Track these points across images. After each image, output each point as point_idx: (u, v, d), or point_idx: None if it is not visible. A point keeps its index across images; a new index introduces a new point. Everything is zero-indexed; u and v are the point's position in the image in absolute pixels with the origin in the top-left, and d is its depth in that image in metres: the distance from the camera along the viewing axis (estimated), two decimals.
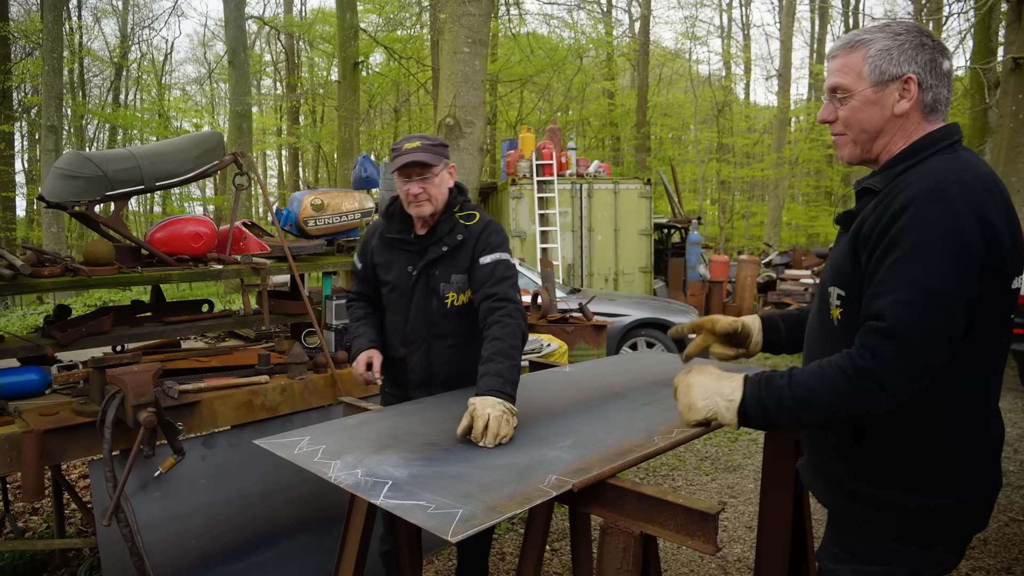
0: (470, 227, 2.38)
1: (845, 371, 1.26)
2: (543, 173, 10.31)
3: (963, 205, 1.22)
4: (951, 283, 1.20)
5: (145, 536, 2.43)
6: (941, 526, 1.36)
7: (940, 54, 1.37)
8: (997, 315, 1.31)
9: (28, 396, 2.64)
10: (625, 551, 1.52)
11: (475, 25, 7.28)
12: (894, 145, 1.39)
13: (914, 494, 1.35)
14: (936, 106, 1.38)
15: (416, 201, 2.31)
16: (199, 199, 26.04)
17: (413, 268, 2.39)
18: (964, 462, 1.34)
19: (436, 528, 1.33)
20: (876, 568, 1.40)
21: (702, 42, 30.07)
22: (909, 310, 1.20)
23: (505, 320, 2.19)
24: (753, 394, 1.38)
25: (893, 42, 1.36)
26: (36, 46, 18.86)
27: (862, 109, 1.38)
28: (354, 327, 2.54)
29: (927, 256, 1.21)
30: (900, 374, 1.21)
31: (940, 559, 1.38)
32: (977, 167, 1.30)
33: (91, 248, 2.90)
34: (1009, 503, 4.02)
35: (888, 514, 1.38)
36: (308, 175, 29.62)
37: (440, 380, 2.44)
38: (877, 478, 1.39)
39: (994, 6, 11.16)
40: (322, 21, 22.30)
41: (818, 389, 1.29)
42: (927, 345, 1.20)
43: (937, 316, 1.20)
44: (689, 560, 3.37)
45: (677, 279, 11.68)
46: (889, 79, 1.36)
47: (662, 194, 15.51)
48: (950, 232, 1.21)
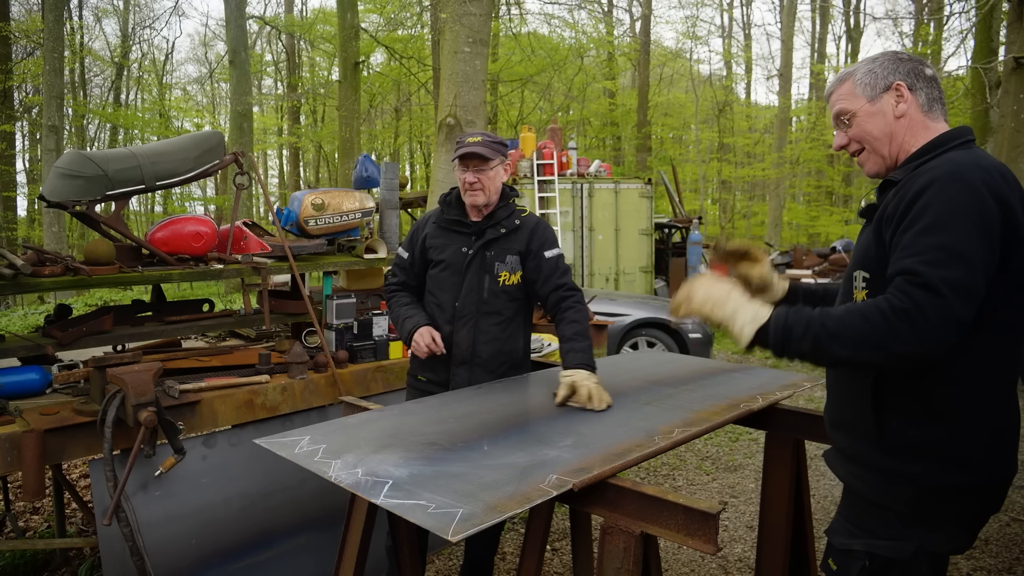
0: (525, 218, 2.66)
1: (882, 310, 1.31)
2: (544, 173, 10.31)
3: (981, 184, 1.33)
4: (974, 249, 1.29)
5: (145, 535, 2.43)
6: (953, 505, 1.41)
7: (920, 64, 1.54)
8: (1013, 293, 1.37)
9: (29, 395, 2.64)
10: (625, 551, 1.52)
11: (476, 25, 7.27)
12: (908, 144, 1.52)
13: (933, 468, 1.41)
14: (932, 104, 1.53)
15: (471, 189, 2.54)
16: (200, 199, 26.03)
17: (468, 248, 2.60)
18: (983, 439, 1.40)
19: (436, 527, 1.33)
20: (886, 543, 1.45)
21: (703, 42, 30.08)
22: (941, 268, 1.28)
23: (577, 307, 2.55)
24: (780, 316, 1.44)
25: (874, 64, 1.56)
26: (37, 46, 18.87)
27: (867, 121, 1.55)
28: (404, 311, 2.65)
29: (951, 225, 1.31)
30: (937, 323, 1.28)
31: (950, 539, 1.43)
32: (991, 159, 1.41)
33: (91, 248, 2.90)
34: (1010, 503, 4.02)
35: (904, 491, 1.44)
36: (309, 175, 29.62)
37: (482, 358, 2.60)
38: (899, 451, 1.45)
39: (995, 6, 11.15)
40: (323, 21, 22.29)
41: (851, 323, 1.34)
42: (959, 301, 1.27)
43: (965, 276, 1.28)
44: (690, 560, 3.37)
45: (678, 279, 11.67)
46: (881, 90, 1.54)
47: (663, 194, 15.51)
48: (971, 205, 1.32)
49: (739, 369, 2.74)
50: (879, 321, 1.31)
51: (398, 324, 2.66)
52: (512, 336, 2.65)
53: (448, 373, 2.62)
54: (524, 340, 2.74)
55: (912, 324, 1.28)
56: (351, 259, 3.66)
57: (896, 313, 1.29)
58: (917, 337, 1.28)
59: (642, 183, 10.99)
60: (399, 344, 3.38)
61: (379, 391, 3.23)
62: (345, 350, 3.23)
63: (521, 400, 2.32)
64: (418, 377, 2.72)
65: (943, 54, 19.67)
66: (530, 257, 2.61)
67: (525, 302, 2.70)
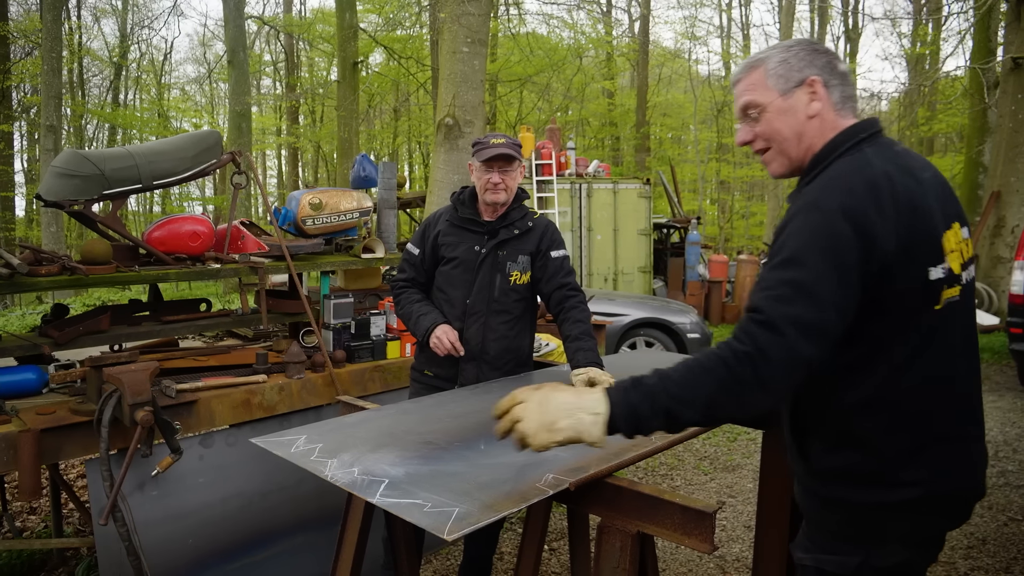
0: (537, 220, 2.73)
1: (724, 358, 1.25)
2: (542, 173, 10.31)
3: (838, 210, 1.26)
4: (824, 283, 1.23)
5: (142, 535, 2.42)
6: (889, 524, 1.37)
7: (834, 58, 1.45)
8: (909, 309, 1.31)
9: (25, 395, 2.63)
10: (622, 550, 1.52)
11: (474, 25, 7.27)
12: (816, 146, 1.43)
13: (857, 490, 1.37)
14: (846, 101, 1.44)
15: (494, 189, 2.59)
16: (198, 198, 26.01)
17: (481, 247, 2.64)
18: (900, 456, 1.35)
19: (432, 527, 1.33)
20: (832, 557, 1.42)
21: (702, 42, 30.07)
22: (785, 304, 1.23)
23: (581, 307, 2.62)
24: (620, 402, 1.30)
25: (788, 53, 1.44)
26: (35, 46, 18.85)
27: (777, 118, 1.44)
28: (417, 308, 2.69)
29: (801, 258, 1.25)
30: (777, 363, 1.22)
31: (893, 554, 1.38)
32: (871, 168, 1.32)
33: (88, 247, 2.89)
34: (1008, 503, 4.02)
35: (837, 512, 1.41)
36: (308, 175, 29.60)
37: (491, 355, 2.64)
38: (823, 476, 1.42)
39: (993, 6, 11.16)
40: (322, 21, 22.28)
41: (697, 381, 1.26)
42: (801, 339, 1.22)
43: (811, 313, 1.23)
44: (688, 559, 3.37)
45: (676, 279, 11.67)
46: (795, 85, 1.42)
47: (661, 194, 15.50)
48: (824, 237, 1.25)
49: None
50: (722, 372, 1.24)
51: (410, 320, 2.69)
52: (520, 334, 2.72)
53: (456, 369, 2.65)
54: (530, 339, 2.81)
55: (754, 367, 1.22)
56: (349, 259, 3.65)
57: (738, 357, 1.23)
58: (759, 381, 1.22)
59: (641, 183, 11.00)
60: (397, 344, 3.38)
61: (377, 391, 3.23)
62: (343, 350, 3.22)
63: None
64: (424, 372, 2.74)
65: (941, 54, 19.70)
66: (538, 257, 2.68)
67: (532, 302, 2.78)
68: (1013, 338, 6.44)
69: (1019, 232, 9.63)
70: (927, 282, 1.31)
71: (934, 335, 1.34)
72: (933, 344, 1.34)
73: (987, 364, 8.03)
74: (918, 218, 1.31)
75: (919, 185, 1.34)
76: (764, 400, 1.25)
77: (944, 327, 1.35)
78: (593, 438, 1.30)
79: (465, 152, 7.81)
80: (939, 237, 1.34)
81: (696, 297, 11.19)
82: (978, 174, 12.07)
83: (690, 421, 1.29)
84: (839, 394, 1.37)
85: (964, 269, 1.40)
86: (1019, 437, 5.28)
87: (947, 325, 1.36)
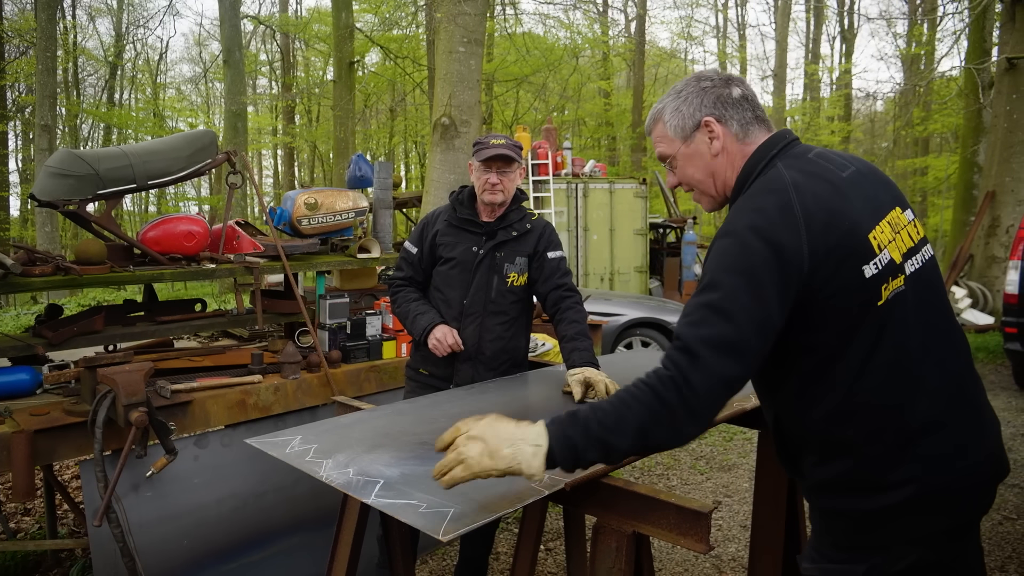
0: (535, 221, 2.74)
1: (651, 385, 1.27)
2: (539, 173, 10.31)
3: (746, 229, 1.29)
4: (736, 302, 1.25)
5: (137, 536, 2.42)
6: (890, 526, 1.36)
7: (725, 87, 1.46)
8: (851, 312, 1.30)
9: (19, 396, 2.62)
10: (618, 550, 1.52)
11: (470, 25, 7.27)
12: (730, 178, 1.48)
13: (852, 498, 1.37)
14: (747, 127, 1.46)
15: (492, 190, 2.59)
16: (194, 198, 25.97)
17: (479, 248, 2.64)
18: (886, 457, 1.34)
19: (427, 527, 1.33)
20: (838, 566, 1.42)
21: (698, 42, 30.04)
22: (701, 327, 1.26)
23: (577, 307, 2.63)
24: (558, 435, 1.30)
25: (678, 99, 1.48)
26: (30, 45, 18.77)
27: (688, 164, 1.50)
28: (414, 307, 2.68)
29: (717, 282, 1.28)
30: (698, 385, 1.23)
31: (902, 556, 1.37)
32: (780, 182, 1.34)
33: (83, 247, 2.88)
34: (1003, 501, 4.03)
35: (838, 523, 1.41)
36: (304, 175, 29.55)
37: (486, 356, 2.65)
38: (819, 488, 1.42)
39: (988, 6, 11.20)
40: (318, 20, 22.24)
41: (625, 410, 1.28)
42: (718, 358, 1.24)
43: (723, 330, 1.24)
44: (684, 559, 3.37)
45: (672, 279, 11.69)
46: (692, 129, 1.47)
47: (657, 194, 15.53)
48: (736, 257, 1.28)
49: None
50: (650, 398, 1.26)
51: (407, 319, 2.69)
52: (516, 335, 2.72)
53: (452, 368, 2.66)
54: (526, 339, 2.81)
55: (680, 394, 1.24)
56: (344, 259, 3.64)
57: (663, 382, 1.25)
58: (685, 406, 1.24)
59: (637, 183, 11.01)
60: (393, 344, 3.38)
61: (372, 391, 3.22)
62: (338, 350, 3.22)
63: (515, 400, 2.32)
64: (420, 371, 2.74)
65: (937, 54, 19.75)
66: (535, 258, 2.69)
67: (529, 303, 2.78)
68: (1008, 337, 6.46)
69: (1014, 232, 9.65)
70: (863, 281, 1.30)
71: (883, 331, 1.32)
72: (885, 340, 1.32)
73: (982, 364, 8.05)
74: (835, 221, 1.30)
75: (833, 187, 1.34)
76: (693, 425, 1.26)
77: (894, 320, 1.33)
78: (532, 470, 1.30)
79: (461, 152, 7.81)
80: (864, 235, 1.32)
81: None
82: (973, 174, 12.10)
83: (625, 451, 1.29)
84: (810, 408, 1.37)
85: (911, 255, 1.38)
86: (1014, 436, 5.30)
87: (897, 317, 1.34)
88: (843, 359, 1.32)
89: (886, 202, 1.39)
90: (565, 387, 2.34)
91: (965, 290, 10.46)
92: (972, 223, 10.97)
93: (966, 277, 10.85)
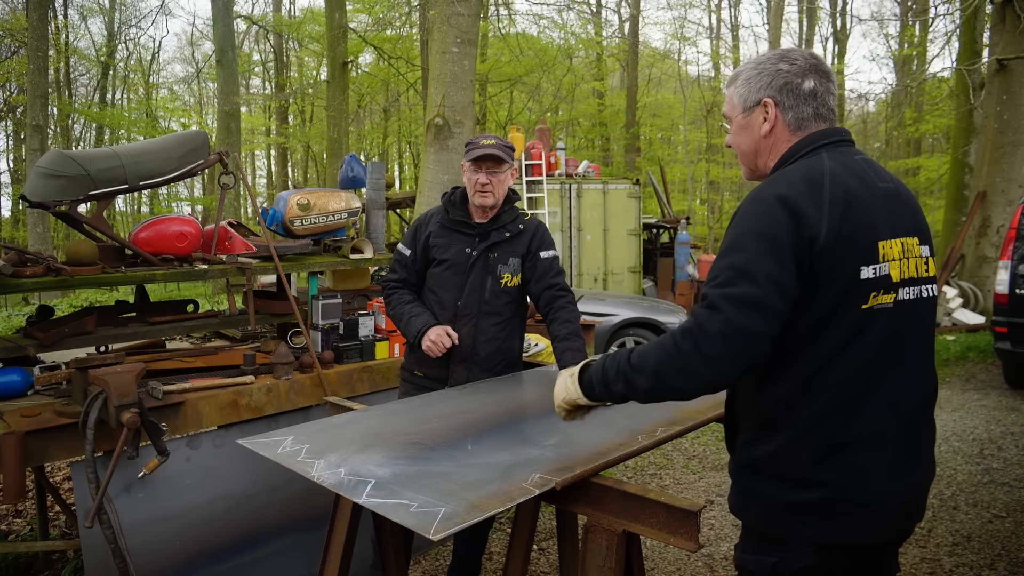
0: (528, 221, 2.73)
1: (673, 334, 1.37)
2: (532, 173, 10.32)
3: (774, 199, 1.34)
4: (759, 264, 1.31)
5: (129, 538, 2.41)
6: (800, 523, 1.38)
7: (798, 77, 1.48)
8: (835, 303, 1.34)
9: (10, 397, 2.61)
10: (608, 549, 1.53)
11: (464, 25, 7.28)
12: (771, 162, 1.53)
13: (778, 486, 1.40)
14: (801, 123, 1.49)
15: (482, 191, 2.57)
16: (187, 199, 25.86)
17: (472, 249, 2.64)
18: (813, 454, 1.37)
19: (418, 526, 1.33)
20: (752, 557, 1.46)
21: (691, 43, 30.18)
22: (725, 287, 1.33)
23: (570, 307, 2.63)
24: (596, 364, 1.51)
25: (754, 72, 1.52)
26: (21, 44, 18.67)
27: (738, 134, 1.57)
28: (408, 308, 2.68)
29: (741, 244, 1.35)
30: (714, 335, 1.30)
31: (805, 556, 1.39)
32: (819, 166, 1.39)
33: (74, 248, 2.87)
34: (993, 500, 4.06)
35: (755, 508, 1.44)
36: (297, 175, 29.49)
37: (481, 357, 2.65)
38: (749, 468, 1.46)
39: (979, 7, 11.26)
40: (311, 20, 22.20)
41: (648, 353, 1.40)
42: (738, 312, 1.29)
43: (747, 289, 1.30)
44: (676, 558, 3.38)
45: (666, 279, 11.71)
46: (752, 105, 1.52)
47: (651, 194, 15.56)
48: (762, 222, 1.34)
49: None
50: (668, 344, 1.36)
51: (401, 321, 2.68)
52: (510, 336, 2.73)
53: (447, 370, 2.66)
54: (520, 340, 2.82)
55: (694, 341, 1.31)
56: (337, 259, 3.64)
57: (682, 332, 1.34)
58: (699, 352, 1.31)
59: (630, 183, 11.03)
60: (385, 344, 3.38)
61: (365, 391, 3.22)
62: (331, 350, 3.22)
63: (506, 400, 2.32)
64: (414, 372, 2.74)
65: (928, 55, 19.86)
66: (528, 258, 2.69)
67: (523, 303, 2.78)
68: (998, 337, 6.50)
69: (1004, 232, 9.72)
70: (856, 280, 1.35)
71: (859, 336, 1.36)
72: (856, 343, 1.36)
73: (973, 363, 8.11)
74: (853, 214, 1.35)
75: (865, 188, 1.39)
76: (707, 371, 1.31)
77: (871, 329, 1.36)
78: (573, 396, 1.55)
79: (455, 152, 7.81)
80: (875, 239, 1.37)
81: (685, 297, 11.23)
82: (964, 175, 12.17)
83: (645, 389, 1.40)
84: (766, 385, 1.41)
85: (910, 284, 1.41)
86: (1003, 435, 5.34)
87: (875, 328, 1.37)
88: (815, 346, 1.36)
89: (907, 226, 1.44)
90: None
91: (956, 290, 10.53)
92: (963, 223, 11.04)
93: (957, 277, 10.92)
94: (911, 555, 3.39)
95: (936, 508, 3.96)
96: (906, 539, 1.50)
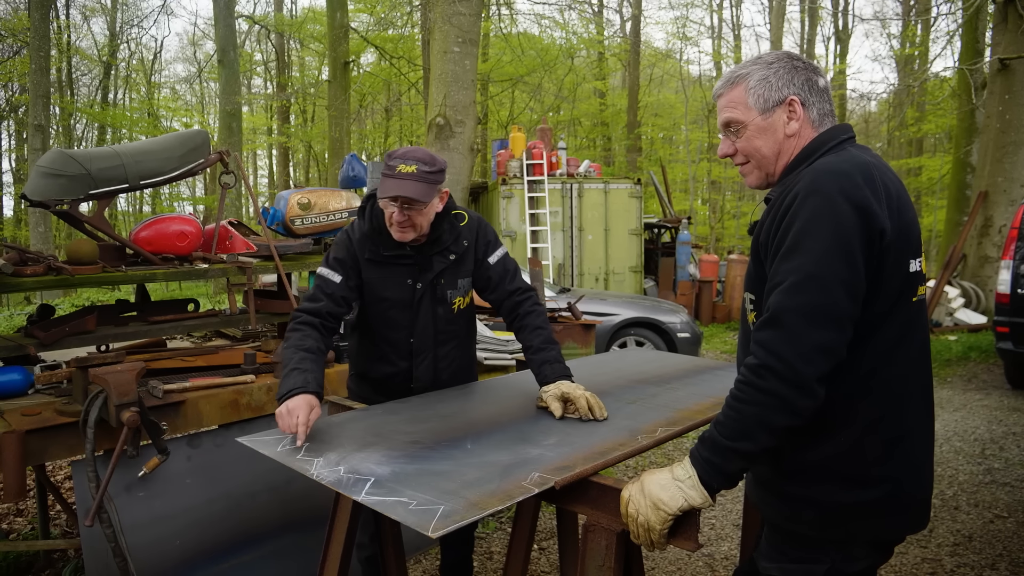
0: (466, 229, 2.39)
1: (748, 381, 1.28)
2: (533, 173, 10.32)
3: (838, 194, 1.27)
4: (828, 266, 1.24)
5: (129, 537, 2.41)
6: (859, 524, 1.37)
7: (814, 73, 1.46)
8: (895, 295, 1.34)
9: (10, 396, 2.62)
10: (607, 548, 1.53)
11: (465, 25, 7.28)
12: (789, 163, 1.47)
13: (832, 489, 1.37)
14: (823, 120, 1.46)
15: (400, 227, 2.19)
16: (188, 198, 25.91)
17: (415, 281, 2.32)
18: (876, 452, 1.35)
19: (417, 524, 1.33)
20: (798, 566, 1.42)
21: (693, 43, 30.16)
22: (789, 296, 1.25)
23: (536, 310, 2.37)
24: (699, 460, 1.33)
25: (768, 70, 1.45)
26: (23, 44, 18.72)
27: (757, 137, 1.46)
28: (296, 357, 2.07)
29: (806, 245, 1.26)
30: (790, 356, 1.23)
31: (861, 558, 1.39)
32: (860, 158, 1.36)
33: (75, 247, 2.88)
34: (994, 500, 4.05)
35: (807, 514, 1.40)
36: (299, 175, 29.51)
37: (444, 381, 2.45)
38: (798, 475, 1.41)
39: (981, 7, 11.25)
40: (313, 20, 22.22)
41: (738, 416, 1.28)
42: (807, 325, 1.23)
43: (815, 297, 1.24)
44: (676, 558, 3.38)
45: (667, 279, 11.71)
46: (774, 104, 1.44)
47: (652, 194, 15.55)
48: (826, 220, 1.26)
49: (725, 367, 2.75)
50: (753, 394, 1.26)
51: (284, 368, 2.07)
52: (467, 350, 2.54)
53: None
54: (474, 342, 2.64)
55: (774, 373, 1.23)
56: None
57: (757, 372, 1.25)
58: (785, 383, 1.23)
59: (632, 183, 11.03)
60: None
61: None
62: (331, 350, 3.21)
63: (506, 400, 2.32)
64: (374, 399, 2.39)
65: (930, 55, 19.84)
66: (477, 267, 2.42)
67: (473, 310, 2.55)
68: (1000, 336, 6.50)
69: (1006, 232, 9.70)
70: (908, 273, 1.34)
71: (912, 327, 1.37)
72: (909, 336, 1.37)
73: (975, 363, 8.10)
74: (903, 207, 1.34)
75: (899, 181, 1.39)
76: (804, 398, 1.24)
77: (918, 322, 1.38)
78: (697, 501, 1.32)
79: (456, 152, 7.82)
80: (917, 232, 1.38)
81: (687, 297, 11.23)
82: (966, 174, 12.16)
83: (763, 447, 1.29)
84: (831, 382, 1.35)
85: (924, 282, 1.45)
86: (1005, 435, 5.33)
87: (920, 320, 1.39)
88: (875, 341, 1.33)
89: None
90: (540, 402, 2.13)
91: (958, 290, 10.52)
92: (965, 223, 11.02)
93: (959, 277, 10.90)
94: (912, 555, 3.39)
95: (938, 508, 3.95)
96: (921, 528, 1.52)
